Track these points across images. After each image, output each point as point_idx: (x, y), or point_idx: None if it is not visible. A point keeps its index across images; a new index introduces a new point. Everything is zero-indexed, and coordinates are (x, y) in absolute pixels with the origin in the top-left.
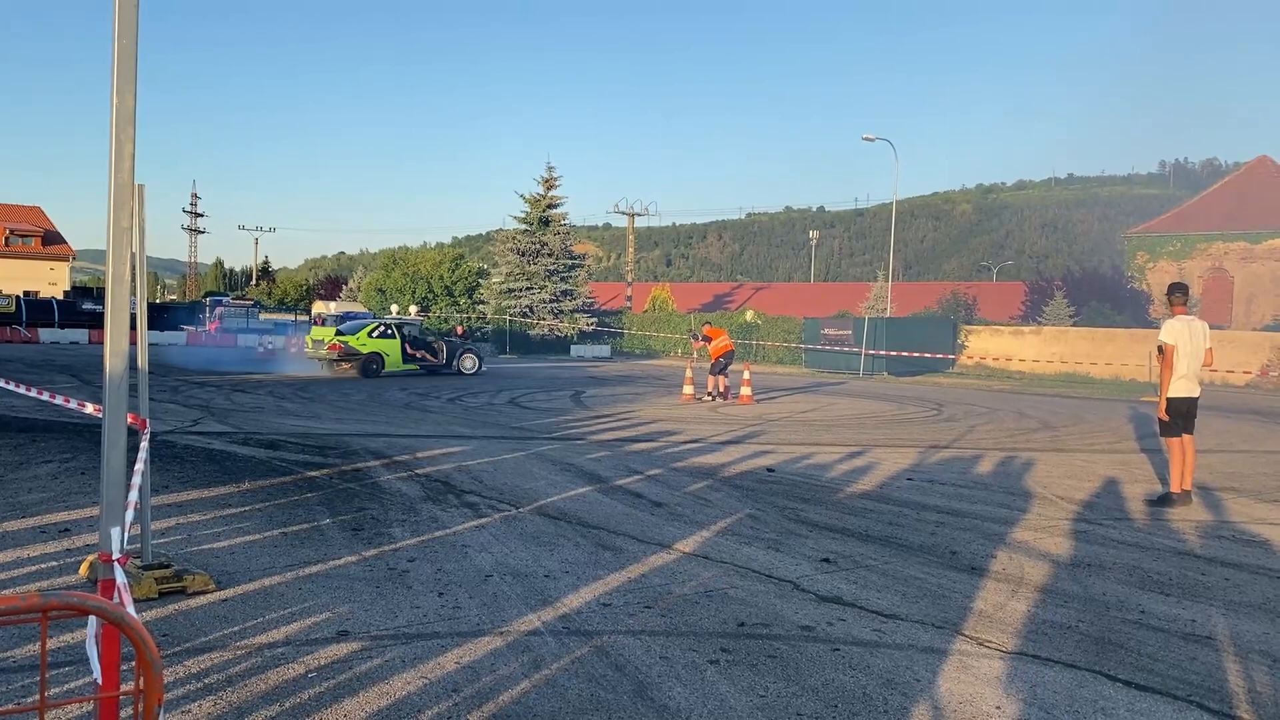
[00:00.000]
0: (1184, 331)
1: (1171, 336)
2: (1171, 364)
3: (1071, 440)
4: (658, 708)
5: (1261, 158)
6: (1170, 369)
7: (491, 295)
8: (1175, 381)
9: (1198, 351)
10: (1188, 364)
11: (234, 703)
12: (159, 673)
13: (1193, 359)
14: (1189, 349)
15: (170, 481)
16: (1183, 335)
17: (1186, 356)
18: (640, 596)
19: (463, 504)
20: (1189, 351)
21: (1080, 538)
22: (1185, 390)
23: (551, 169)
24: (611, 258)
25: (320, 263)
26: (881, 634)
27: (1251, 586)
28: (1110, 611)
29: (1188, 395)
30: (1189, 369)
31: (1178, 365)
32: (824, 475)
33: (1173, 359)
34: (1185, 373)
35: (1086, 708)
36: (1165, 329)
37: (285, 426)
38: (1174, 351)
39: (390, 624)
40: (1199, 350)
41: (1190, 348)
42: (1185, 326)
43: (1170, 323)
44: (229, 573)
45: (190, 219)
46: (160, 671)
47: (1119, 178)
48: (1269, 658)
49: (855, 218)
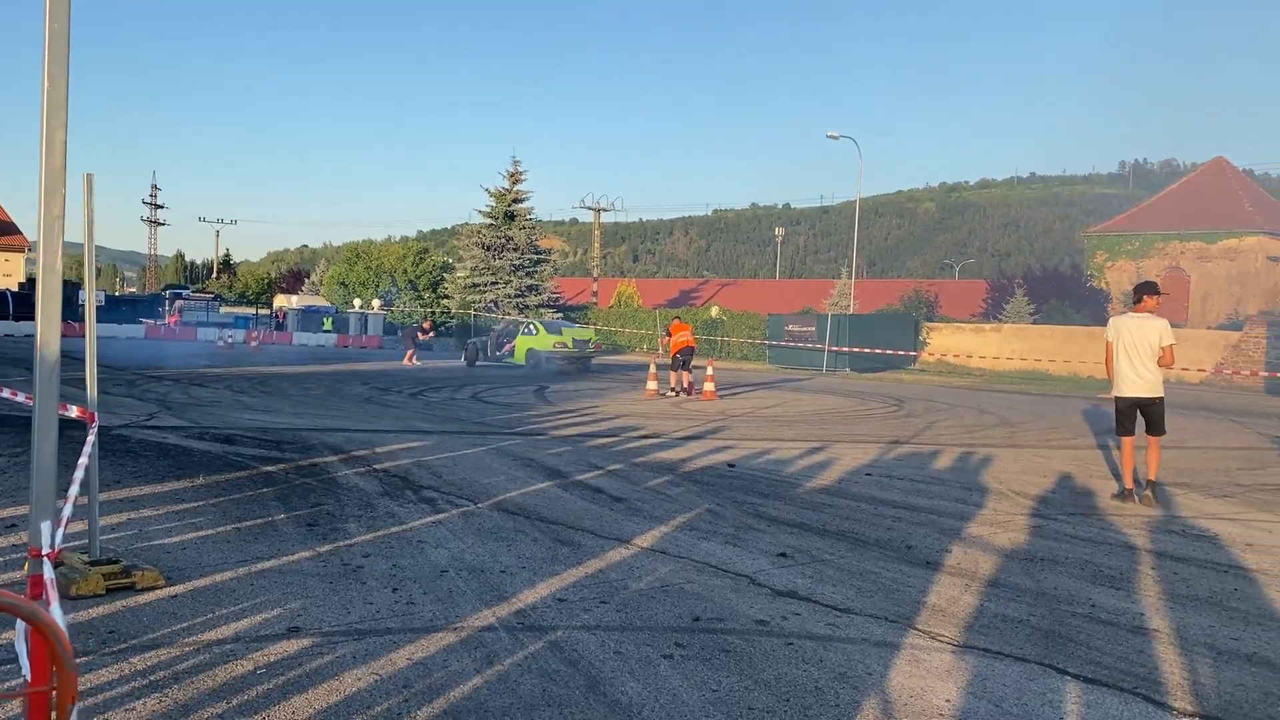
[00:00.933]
0: (1122, 328)
1: (1111, 333)
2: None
3: (1029, 436)
4: (610, 703)
5: (1217, 159)
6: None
7: (456, 289)
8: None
9: (1138, 350)
10: (1126, 362)
11: (180, 700)
12: (71, 669)
13: (1133, 357)
14: (1127, 347)
15: (123, 476)
16: (1122, 332)
17: (1125, 355)
18: (596, 592)
19: (420, 499)
20: (1127, 350)
21: (1034, 532)
22: (1122, 389)
23: (517, 163)
24: (578, 253)
25: (283, 256)
26: (835, 628)
27: (1199, 580)
28: (1061, 605)
29: (1126, 395)
30: (1126, 367)
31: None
32: (784, 470)
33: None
34: (1123, 371)
35: (1035, 700)
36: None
37: (243, 421)
38: (1109, 348)
39: (342, 620)
40: (1139, 348)
41: (1129, 346)
42: (1134, 323)
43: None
44: (179, 568)
45: (150, 210)
46: (74, 669)
47: (1080, 177)
48: (1214, 650)
49: (821, 215)
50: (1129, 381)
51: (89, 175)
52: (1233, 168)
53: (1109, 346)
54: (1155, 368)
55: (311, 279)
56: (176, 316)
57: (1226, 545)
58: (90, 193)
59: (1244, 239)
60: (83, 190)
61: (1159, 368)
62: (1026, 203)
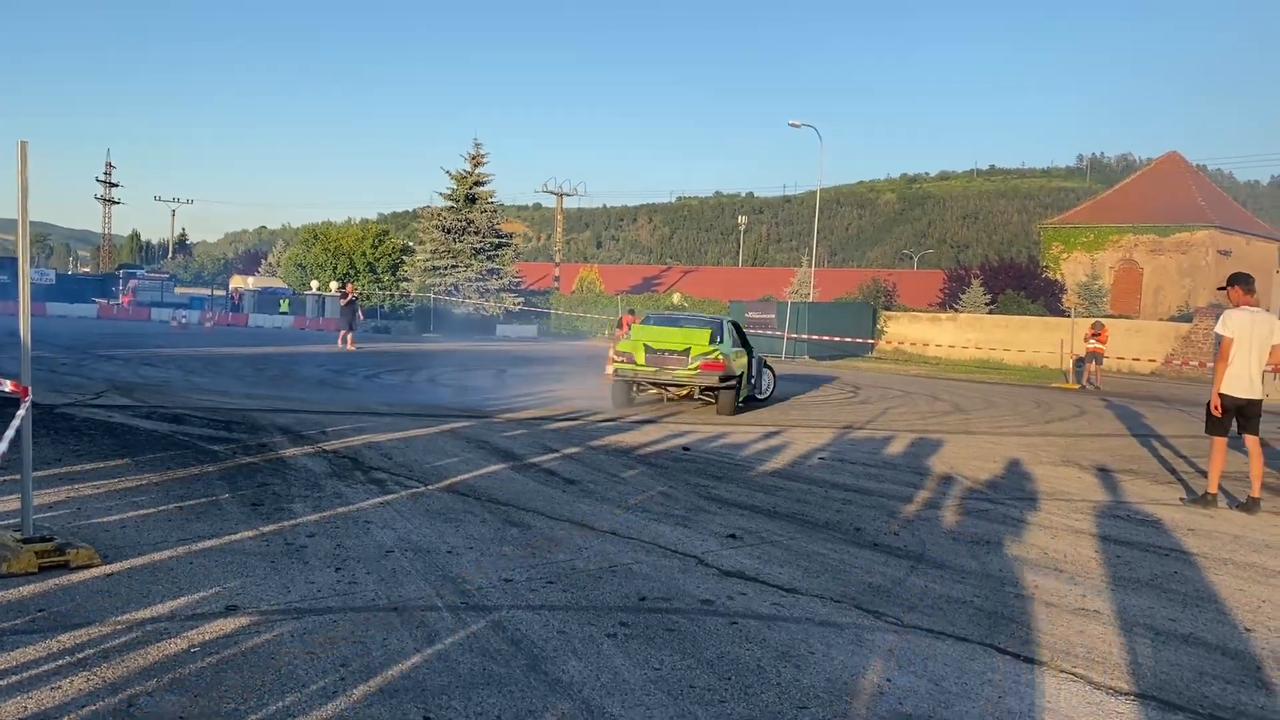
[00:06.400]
0: (1246, 324)
1: (1230, 329)
2: (1227, 357)
3: (981, 423)
4: (550, 681)
5: (1171, 153)
6: (1225, 361)
7: (416, 272)
8: (1228, 378)
9: (1262, 348)
10: (1244, 360)
11: (109, 678)
12: None
13: (1252, 355)
14: (1249, 344)
15: (64, 454)
16: (1244, 328)
17: (1245, 351)
18: (543, 572)
19: (369, 480)
20: (1249, 347)
21: (981, 516)
22: (1233, 388)
23: (479, 145)
24: (541, 238)
25: (240, 236)
26: (780, 608)
27: (1141, 563)
28: (1005, 587)
29: (1238, 394)
30: (1244, 366)
31: (1234, 360)
32: (738, 454)
33: (1229, 352)
34: (1237, 371)
35: (974, 680)
36: (1224, 320)
37: (192, 401)
38: (1231, 345)
39: (282, 599)
40: (1264, 346)
41: (1251, 343)
42: (1249, 319)
43: (1231, 314)
44: (117, 547)
45: (104, 188)
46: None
47: (1038, 170)
48: (1152, 630)
49: (783, 204)
50: (1238, 381)
51: (23, 143)
52: (1186, 163)
53: (1229, 343)
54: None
55: (269, 260)
56: (130, 296)
57: (1169, 530)
58: (24, 161)
59: (1195, 232)
60: (17, 158)
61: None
62: (985, 195)
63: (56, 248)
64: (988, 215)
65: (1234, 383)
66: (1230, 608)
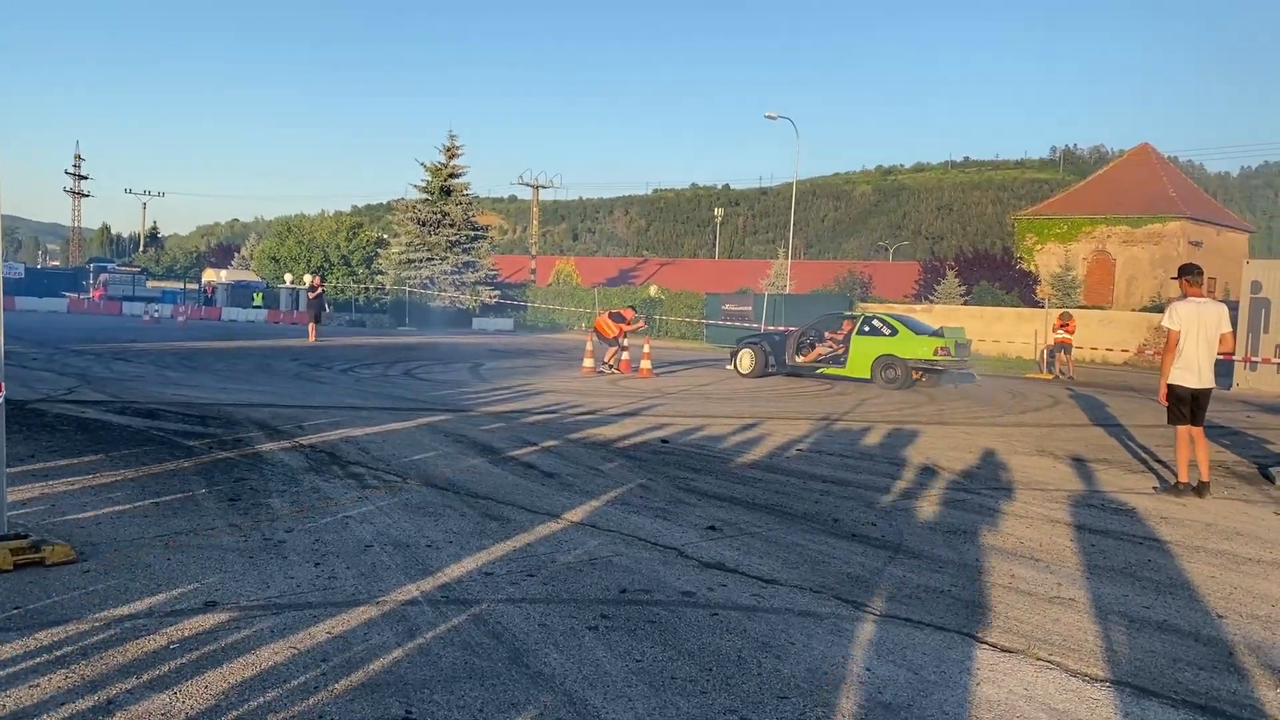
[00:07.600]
0: (1193, 316)
1: (1176, 322)
2: (1174, 349)
3: (957, 414)
4: (532, 674)
5: (1143, 145)
6: (1172, 354)
7: (390, 266)
8: (1175, 369)
9: (1210, 338)
10: (1192, 351)
11: (87, 675)
12: None
13: (1200, 346)
14: (1197, 335)
15: (37, 450)
16: (1190, 320)
17: (1193, 343)
18: (524, 565)
19: (347, 475)
20: (1197, 338)
21: (958, 506)
22: (1183, 379)
23: (454, 137)
24: (517, 230)
25: (213, 230)
26: (760, 599)
27: (1115, 552)
28: (982, 576)
29: (1188, 385)
30: (1193, 357)
31: (1183, 351)
32: (717, 446)
33: (1175, 344)
34: (1186, 362)
35: (953, 668)
36: (1170, 313)
37: (166, 395)
38: (1178, 337)
39: (261, 595)
40: (1212, 337)
41: (1199, 334)
42: (1196, 310)
43: (1177, 306)
44: (93, 543)
45: (73, 180)
46: None
47: (1012, 162)
48: (1127, 618)
49: (760, 196)
50: (1185, 372)
51: None
52: (1158, 155)
53: (1175, 335)
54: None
55: (242, 253)
56: (101, 290)
57: (1143, 518)
58: None
59: (1167, 223)
60: None
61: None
62: (960, 186)
63: (25, 241)
64: (962, 207)
65: (1183, 374)
66: (1203, 595)
